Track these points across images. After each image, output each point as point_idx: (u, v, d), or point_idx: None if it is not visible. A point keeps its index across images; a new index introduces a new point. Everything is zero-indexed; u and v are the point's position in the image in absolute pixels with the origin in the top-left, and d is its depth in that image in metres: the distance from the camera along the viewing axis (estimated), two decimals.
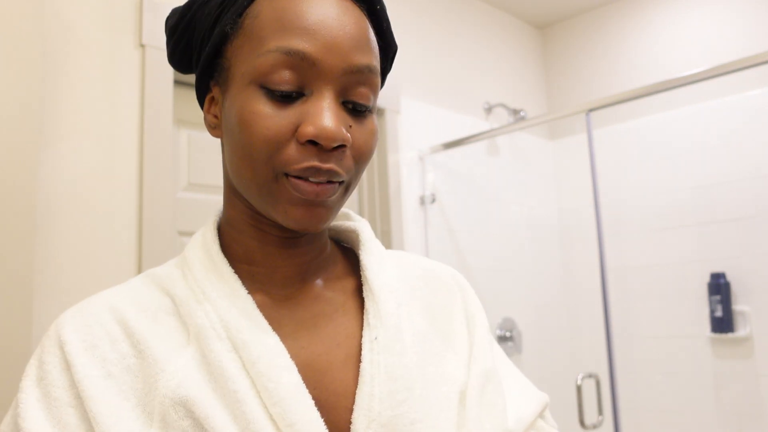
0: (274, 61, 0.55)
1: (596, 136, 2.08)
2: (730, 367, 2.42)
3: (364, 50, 0.58)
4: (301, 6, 0.56)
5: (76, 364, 0.55)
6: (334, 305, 0.63)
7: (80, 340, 0.56)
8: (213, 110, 0.64)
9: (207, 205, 1.86)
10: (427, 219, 2.42)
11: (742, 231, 2.42)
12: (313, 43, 0.55)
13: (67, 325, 0.58)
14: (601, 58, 2.98)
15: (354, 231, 0.70)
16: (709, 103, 2.54)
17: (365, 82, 0.58)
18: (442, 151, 2.43)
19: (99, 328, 0.57)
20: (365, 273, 0.64)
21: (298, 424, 0.52)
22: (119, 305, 0.59)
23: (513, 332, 2.60)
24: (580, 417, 2.20)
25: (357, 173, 0.60)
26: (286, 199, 0.57)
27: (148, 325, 0.58)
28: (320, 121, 0.54)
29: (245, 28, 0.58)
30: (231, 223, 0.65)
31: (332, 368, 0.58)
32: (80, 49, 1.56)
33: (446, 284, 0.72)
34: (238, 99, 0.57)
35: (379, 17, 0.62)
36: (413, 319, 0.64)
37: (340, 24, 0.56)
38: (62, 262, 1.46)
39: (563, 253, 2.99)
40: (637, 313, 2.67)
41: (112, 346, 0.56)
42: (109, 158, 1.57)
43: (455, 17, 2.74)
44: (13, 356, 1.27)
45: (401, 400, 0.56)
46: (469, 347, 0.67)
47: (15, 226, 1.31)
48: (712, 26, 2.64)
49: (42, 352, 0.57)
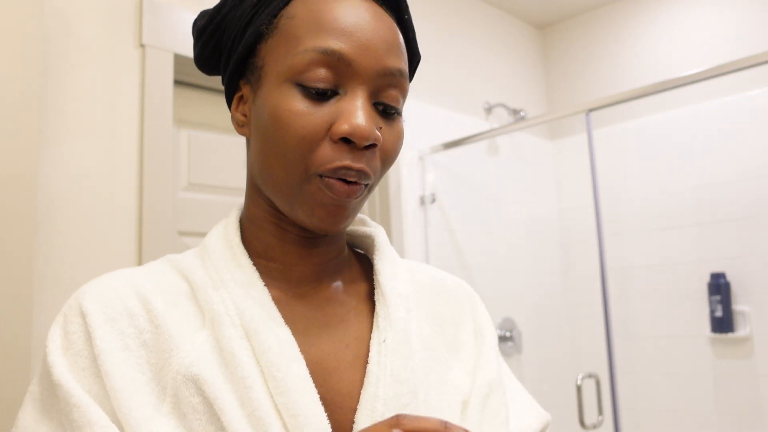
0: (310, 60, 0.57)
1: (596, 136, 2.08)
2: (730, 367, 2.42)
3: (396, 54, 0.60)
4: (337, 9, 0.58)
5: (96, 336, 0.56)
6: (346, 307, 0.65)
7: (101, 311, 0.58)
8: (241, 109, 0.65)
9: (207, 205, 1.86)
10: (427, 219, 2.42)
11: (742, 231, 2.42)
12: (349, 44, 0.57)
13: (88, 296, 0.59)
14: (601, 58, 2.98)
15: (369, 236, 0.72)
16: (709, 103, 2.54)
17: (396, 84, 0.60)
18: (442, 151, 2.43)
19: (119, 302, 0.58)
20: (378, 277, 0.66)
21: (301, 416, 0.53)
22: (140, 283, 0.61)
23: (513, 332, 2.59)
24: (580, 417, 2.20)
25: (380, 176, 0.62)
26: (315, 199, 0.58)
27: (166, 305, 0.59)
28: (354, 119, 0.56)
29: (280, 28, 0.60)
30: (252, 219, 0.66)
31: (340, 368, 0.60)
32: (80, 49, 1.56)
33: (456, 295, 0.74)
34: (272, 96, 0.59)
35: (406, 27, 0.65)
36: (421, 326, 0.66)
37: (374, 28, 0.59)
38: (62, 262, 1.46)
39: (563, 253, 2.99)
40: (637, 313, 2.67)
41: (130, 320, 0.58)
42: (109, 158, 1.57)
43: (455, 17, 2.74)
44: (13, 356, 1.27)
45: (405, 403, 0.57)
46: (476, 357, 0.68)
47: (15, 225, 1.31)
48: (712, 26, 2.64)
49: (65, 322, 0.58)
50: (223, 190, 1.90)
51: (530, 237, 2.86)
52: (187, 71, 1.79)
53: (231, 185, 1.92)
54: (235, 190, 1.93)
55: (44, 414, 0.55)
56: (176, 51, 1.70)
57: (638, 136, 2.74)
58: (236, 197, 1.92)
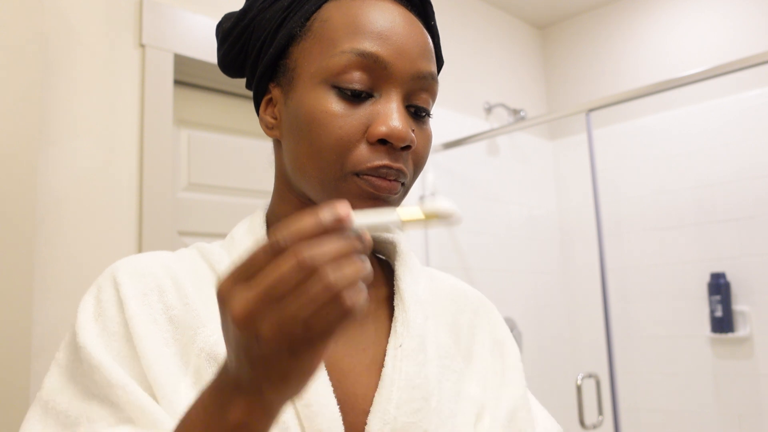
0: (347, 62, 0.58)
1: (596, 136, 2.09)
2: (730, 367, 2.42)
3: (428, 58, 0.62)
4: (372, 13, 0.60)
5: (128, 305, 0.58)
6: (365, 312, 0.65)
7: (133, 285, 0.60)
8: (270, 111, 0.66)
9: (207, 205, 1.86)
10: None
11: (742, 231, 2.42)
12: (385, 48, 0.58)
13: (122, 269, 0.61)
14: (601, 58, 2.98)
15: (392, 243, 0.73)
16: (709, 103, 2.54)
17: (428, 88, 0.61)
18: (442, 151, 2.43)
19: (151, 278, 0.60)
20: (398, 283, 0.67)
21: (315, 406, 0.55)
22: (171, 265, 0.63)
23: (513, 332, 2.58)
24: (580, 417, 2.20)
25: (414, 178, 0.63)
26: (355, 194, 0.59)
27: (195, 286, 0.61)
28: (391, 121, 0.57)
29: (314, 30, 0.61)
30: (280, 217, 0.67)
31: (355, 371, 0.61)
32: (80, 49, 1.56)
33: (474, 307, 0.74)
34: (307, 98, 0.59)
35: (433, 32, 0.66)
36: (438, 334, 0.67)
37: (408, 32, 0.60)
38: (62, 262, 1.46)
39: (563, 253, 2.99)
40: (637, 313, 2.67)
41: (160, 296, 0.60)
42: (109, 158, 1.57)
43: (455, 17, 2.74)
44: (13, 356, 1.27)
45: (417, 408, 0.58)
46: (500, 374, 0.70)
47: (15, 226, 1.31)
48: (712, 26, 2.64)
49: (99, 291, 0.60)
50: (223, 190, 1.90)
51: (530, 237, 2.86)
52: (187, 71, 1.79)
53: (231, 185, 1.92)
54: (235, 190, 1.93)
55: (70, 379, 0.56)
56: (176, 51, 1.70)
57: (638, 136, 2.74)
58: (236, 197, 1.92)
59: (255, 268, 0.39)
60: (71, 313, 1.44)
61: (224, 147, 1.92)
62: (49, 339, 1.41)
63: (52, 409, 0.55)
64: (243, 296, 0.38)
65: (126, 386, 0.53)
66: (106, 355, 0.55)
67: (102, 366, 0.54)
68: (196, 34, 1.74)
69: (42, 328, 1.40)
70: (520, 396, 0.68)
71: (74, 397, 0.55)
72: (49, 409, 0.55)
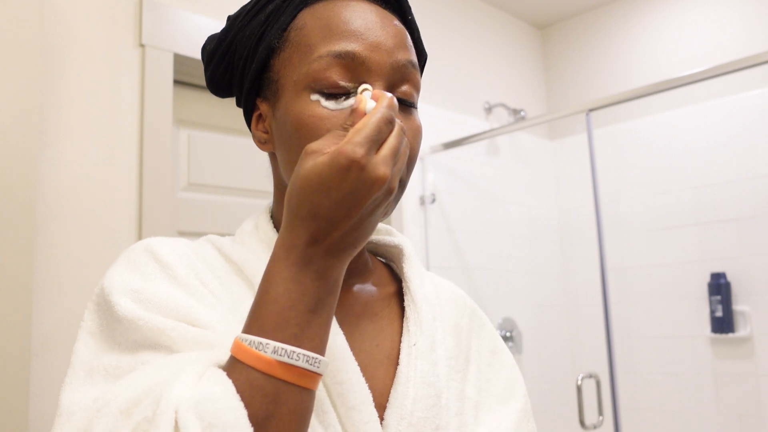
0: (326, 65, 0.59)
1: (596, 136, 2.08)
2: (730, 367, 2.42)
3: (405, 48, 0.63)
4: (345, 13, 0.61)
5: (165, 260, 0.60)
6: (375, 309, 0.68)
7: (167, 252, 0.61)
8: (261, 126, 0.67)
9: (207, 205, 1.86)
10: (427, 219, 2.42)
11: (742, 231, 2.42)
12: (360, 44, 0.60)
13: (153, 241, 0.63)
14: (601, 58, 2.98)
15: (397, 246, 0.75)
16: (709, 103, 2.54)
17: (409, 78, 0.63)
18: (442, 151, 2.43)
19: (184, 256, 0.62)
20: (408, 284, 0.70)
21: (346, 383, 0.57)
22: (197, 249, 0.65)
23: (513, 332, 2.59)
24: (580, 417, 2.20)
25: (408, 173, 0.63)
26: None
27: (224, 272, 0.63)
28: None
29: (291, 40, 0.62)
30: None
31: (370, 366, 0.62)
32: (80, 49, 1.56)
33: (469, 311, 0.77)
34: (293, 106, 0.60)
35: (411, 26, 0.68)
36: (445, 335, 0.69)
37: (382, 27, 0.62)
38: (62, 262, 1.46)
39: (563, 253, 2.99)
40: (637, 313, 2.67)
41: (194, 273, 0.61)
42: (109, 158, 1.57)
43: (455, 17, 2.74)
44: (13, 356, 1.27)
45: (430, 405, 0.61)
46: (504, 383, 0.72)
47: (15, 226, 1.31)
48: (712, 26, 2.64)
49: (129, 257, 0.61)
50: (222, 190, 1.90)
51: (530, 237, 2.86)
52: (187, 71, 1.79)
53: (231, 185, 1.92)
54: (235, 190, 1.93)
55: (108, 339, 0.56)
56: (176, 51, 1.70)
57: (638, 136, 2.74)
58: (236, 197, 1.92)
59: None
60: (71, 312, 1.45)
61: (224, 147, 1.92)
62: (49, 339, 1.41)
63: (99, 368, 0.54)
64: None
65: (175, 327, 0.54)
66: (144, 309, 0.55)
67: (145, 317, 0.54)
68: (195, 34, 1.74)
69: (42, 328, 1.40)
70: (522, 407, 0.71)
71: (121, 353, 0.55)
72: (94, 370, 0.54)
